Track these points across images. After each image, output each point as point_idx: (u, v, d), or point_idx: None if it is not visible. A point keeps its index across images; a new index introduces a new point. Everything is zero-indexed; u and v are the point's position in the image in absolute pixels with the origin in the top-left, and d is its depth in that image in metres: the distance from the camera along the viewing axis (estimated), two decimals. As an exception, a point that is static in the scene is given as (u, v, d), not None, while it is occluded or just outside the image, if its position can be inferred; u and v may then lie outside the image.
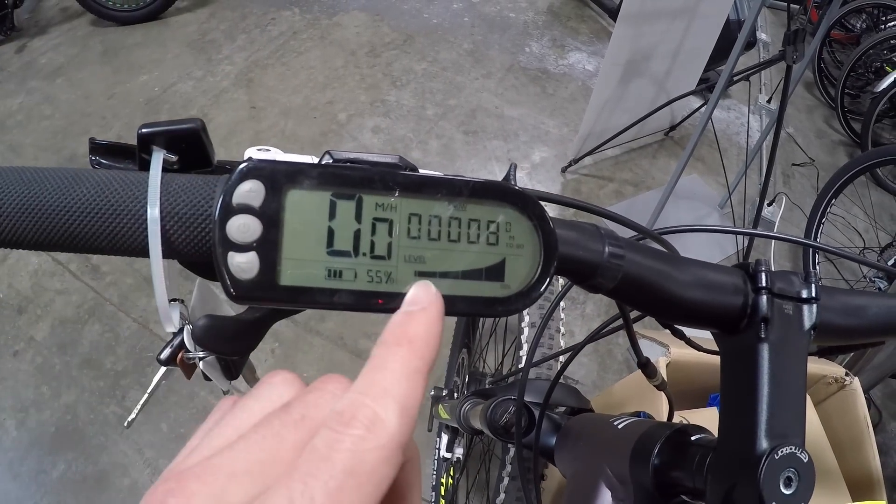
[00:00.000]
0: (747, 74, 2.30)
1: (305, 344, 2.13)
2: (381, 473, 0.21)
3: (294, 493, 0.19)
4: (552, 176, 2.88)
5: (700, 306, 0.38)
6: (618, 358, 2.23)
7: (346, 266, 0.28)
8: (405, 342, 0.25)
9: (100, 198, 0.31)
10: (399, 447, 0.22)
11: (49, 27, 3.41)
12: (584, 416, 0.71)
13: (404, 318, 0.26)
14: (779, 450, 0.35)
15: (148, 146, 0.33)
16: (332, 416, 0.22)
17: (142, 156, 0.34)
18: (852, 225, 2.74)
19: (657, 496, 0.45)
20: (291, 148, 2.79)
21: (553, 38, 3.71)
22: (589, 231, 0.36)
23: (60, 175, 0.31)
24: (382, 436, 0.21)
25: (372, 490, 0.21)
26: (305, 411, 0.23)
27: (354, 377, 0.24)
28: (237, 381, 0.56)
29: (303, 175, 0.27)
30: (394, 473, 0.22)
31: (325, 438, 0.21)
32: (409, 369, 0.24)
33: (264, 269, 0.27)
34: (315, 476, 0.20)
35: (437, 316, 0.26)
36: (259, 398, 0.25)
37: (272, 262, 0.27)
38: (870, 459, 1.14)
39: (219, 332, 0.44)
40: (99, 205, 0.31)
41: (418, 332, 0.25)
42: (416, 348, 0.25)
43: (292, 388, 0.26)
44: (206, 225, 0.31)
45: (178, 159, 0.34)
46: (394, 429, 0.22)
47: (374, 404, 0.22)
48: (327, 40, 3.47)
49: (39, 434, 1.87)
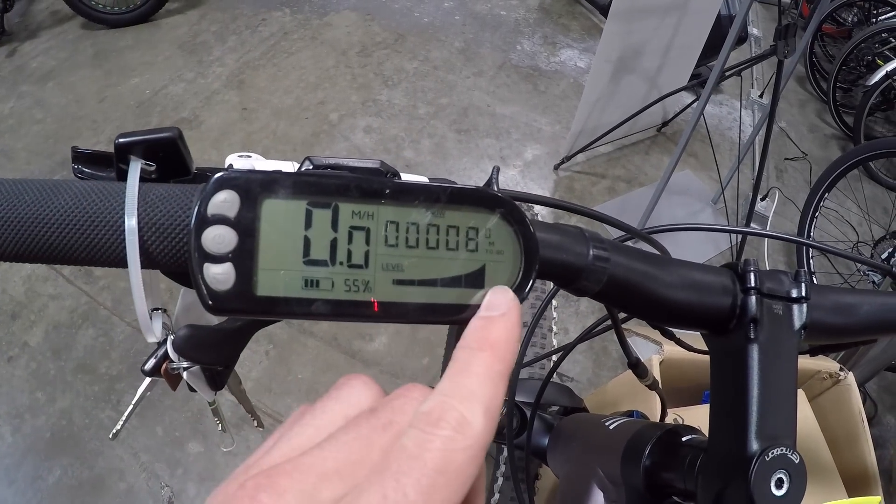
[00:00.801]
0: (739, 69, 2.30)
1: (299, 345, 2.12)
2: (467, 473, 0.22)
3: (387, 490, 0.20)
4: (545, 173, 2.87)
5: (688, 307, 0.38)
6: (613, 355, 2.23)
7: (323, 275, 0.28)
8: (487, 346, 0.26)
9: (77, 209, 0.30)
10: (484, 447, 0.22)
11: (40, 31, 3.39)
12: (576, 417, 0.71)
13: (485, 322, 0.27)
14: (770, 451, 0.35)
15: (125, 156, 0.33)
16: (419, 417, 0.22)
17: (119, 166, 0.33)
18: (846, 218, 2.74)
19: (648, 497, 0.44)
20: (283, 149, 2.79)
21: (544, 36, 3.71)
22: (572, 234, 0.35)
23: (38, 186, 0.30)
24: (470, 436, 0.22)
25: (459, 488, 0.21)
26: (392, 416, 0.24)
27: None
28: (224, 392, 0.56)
29: (277, 184, 0.27)
30: (477, 473, 0.22)
31: (414, 438, 0.22)
32: (492, 372, 0.25)
33: (240, 279, 0.26)
34: (407, 474, 0.20)
35: (516, 320, 0.27)
36: (339, 400, 0.26)
37: (248, 273, 0.26)
38: (865, 454, 1.14)
39: (200, 341, 0.44)
40: (76, 216, 0.30)
41: (500, 337, 0.26)
42: (498, 352, 0.26)
43: (371, 391, 0.26)
44: (183, 235, 0.30)
45: (157, 168, 0.34)
46: (480, 429, 0.22)
47: (460, 406, 0.23)
48: (318, 40, 3.45)
49: (35, 440, 1.86)
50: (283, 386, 2.02)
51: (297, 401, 1.99)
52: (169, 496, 1.78)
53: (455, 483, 0.21)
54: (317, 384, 2.03)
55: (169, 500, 1.77)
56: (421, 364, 2.11)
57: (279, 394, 2.00)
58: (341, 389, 0.26)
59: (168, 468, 1.83)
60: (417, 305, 0.29)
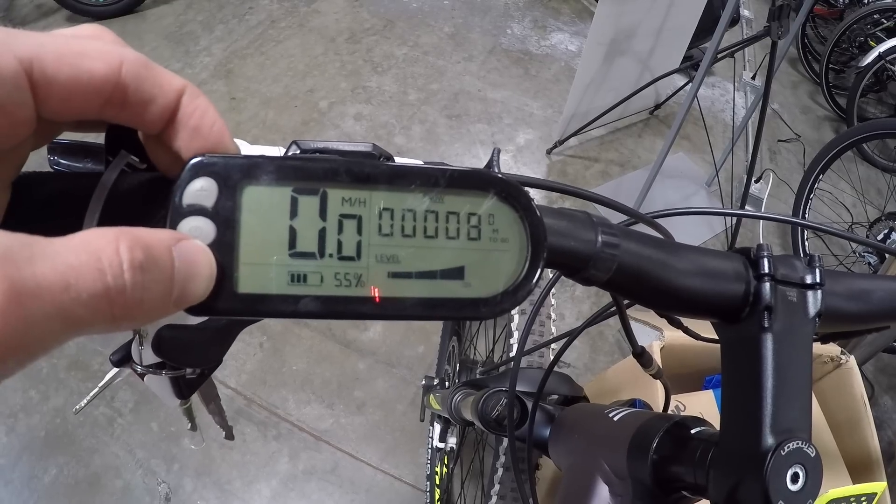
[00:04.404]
0: (732, 51, 2.28)
1: (294, 336, 2.11)
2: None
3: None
4: (537, 158, 2.86)
5: (699, 295, 0.36)
6: (609, 340, 2.22)
7: (311, 269, 0.25)
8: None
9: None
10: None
11: (24, 24, 3.33)
12: (577, 407, 0.69)
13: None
14: (785, 445, 0.33)
15: (115, 148, 0.31)
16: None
17: (108, 158, 0.31)
18: (840, 200, 2.74)
19: (656, 491, 0.43)
20: (272, 137, 2.77)
21: (534, 20, 3.68)
22: (580, 219, 0.33)
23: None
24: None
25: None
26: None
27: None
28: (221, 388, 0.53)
29: (259, 169, 0.25)
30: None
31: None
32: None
33: (220, 276, 0.24)
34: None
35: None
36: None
37: (229, 268, 0.24)
38: (868, 439, 1.13)
39: (181, 342, 0.41)
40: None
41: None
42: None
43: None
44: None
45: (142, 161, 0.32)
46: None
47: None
48: (306, 28, 3.41)
49: (29, 439, 1.84)
50: (278, 378, 2.01)
51: (293, 393, 1.98)
52: (166, 492, 1.76)
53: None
54: (312, 375, 2.01)
55: (166, 496, 1.76)
56: (416, 352, 2.10)
57: (274, 386, 1.99)
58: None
59: (164, 464, 1.81)
60: (416, 300, 0.26)
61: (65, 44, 0.22)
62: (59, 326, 0.18)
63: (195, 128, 0.25)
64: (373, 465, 1.86)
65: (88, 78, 0.22)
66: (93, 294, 0.19)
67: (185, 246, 0.22)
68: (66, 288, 0.18)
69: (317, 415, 1.94)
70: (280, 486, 1.80)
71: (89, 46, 0.23)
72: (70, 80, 0.22)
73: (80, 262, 0.19)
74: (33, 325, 0.17)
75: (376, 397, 1.99)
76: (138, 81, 0.24)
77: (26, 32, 0.22)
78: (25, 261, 0.17)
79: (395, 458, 1.88)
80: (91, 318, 0.19)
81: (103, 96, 0.23)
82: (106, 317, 0.19)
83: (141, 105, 0.24)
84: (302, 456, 1.86)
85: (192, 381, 0.49)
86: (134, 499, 1.76)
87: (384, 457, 1.88)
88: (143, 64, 0.24)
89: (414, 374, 2.05)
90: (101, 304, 0.19)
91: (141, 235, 0.21)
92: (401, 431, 1.93)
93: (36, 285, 0.17)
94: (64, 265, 0.18)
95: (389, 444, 1.91)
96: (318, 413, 1.95)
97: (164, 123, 0.25)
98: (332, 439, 1.90)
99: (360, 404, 1.97)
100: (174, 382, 0.49)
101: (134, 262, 0.20)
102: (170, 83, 0.25)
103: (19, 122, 0.22)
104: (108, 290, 0.19)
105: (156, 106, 0.25)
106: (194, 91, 0.26)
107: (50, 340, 0.18)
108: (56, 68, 0.22)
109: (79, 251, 0.19)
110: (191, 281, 0.22)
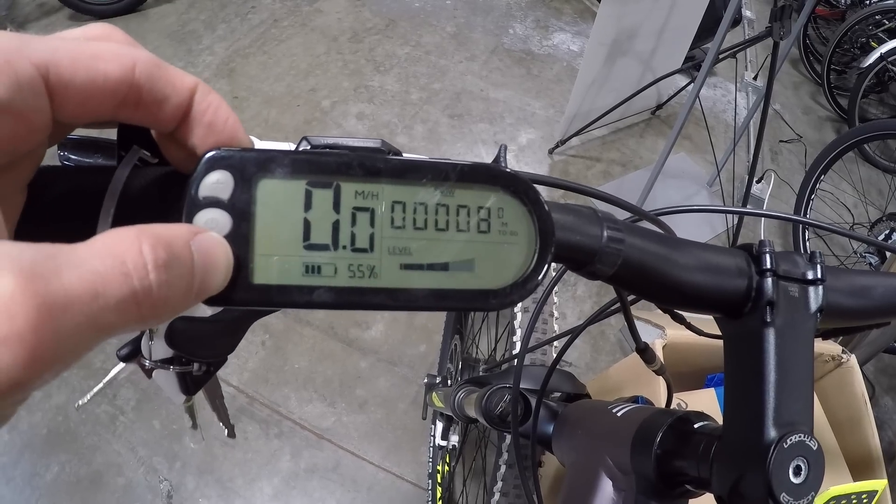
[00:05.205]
0: (734, 51, 2.28)
1: (296, 335, 2.11)
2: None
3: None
4: (539, 158, 2.86)
5: (703, 290, 0.37)
6: (610, 339, 2.23)
7: (325, 261, 0.26)
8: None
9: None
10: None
11: (26, 23, 3.33)
12: (581, 403, 0.70)
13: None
14: (787, 438, 0.34)
15: (127, 143, 0.31)
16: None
17: (120, 153, 0.31)
18: (841, 201, 2.74)
19: (660, 485, 0.43)
20: (275, 136, 2.76)
21: (537, 19, 3.68)
22: (586, 215, 0.34)
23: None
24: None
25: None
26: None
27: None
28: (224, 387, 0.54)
29: (274, 163, 0.25)
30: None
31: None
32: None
33: (236, 267, 0.24)
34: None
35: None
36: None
37: (244, 260, 0.25)
38: (869, 437, 1.13)
39: (194, 334, 0.41)
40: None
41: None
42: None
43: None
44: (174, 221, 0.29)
45: (153, 155, 0.32)
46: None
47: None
48: (308, 27, 3.42)
49: (31, 437, 1.85)
50: (280, 376, 2.01)
51: (294, 391, 1.98)
52: (168, 490, 1.77)
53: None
54: (314, 374, 2.02)
55: (168, 494, 1.76)
56: (418, 351, 2.11)
57: (276, 384, 1.99)
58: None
59: (166, 462, 1.82)
60: (427, 291, 0.27)
61: (78, 47, 0.22)
62: (91, 334, 0.19)
63: (209, 123, 0.26)
64: (374, 464, 1.87)
65: (103, 81, 0.23)
66: (121, 299, 0.19)
67: (202, 238, 0.23)
68: (94, 297, 0.18)
69: (319, 413, 1.95)
70: (282, 484, 1.81)
71: (103, 49, 0.23)
72: (85, 83, 0.22)
73: (105, 268, 0.19)
74: (66, 338, 0.18)
75: (378, 396, 2.00)
76: (152, 82, 0.24)
77: (40, 38, 0.22)
78: (53, 274, 0.18)
79: (396, 457, 1.89)
80: (121, 321, 0.19)
81: (118, 98, 0.23)
82: (135, 318, 0.20)
83: (155, 105, 0.25)
84: (304, 454, 1.87)
85: (199, 377, 0.50)
86: (136, 496, 1.76)
87: (386, 455, 1.89)
88: (156, 64, 0.24)
89: (415, 373, 2.06)
90: (129, 308, 0.19)
91: (161, 233, 0.21)
92: (402, 430, 1.94)
93: (65, 298, 0.18)
94: (90, 273, 0.18)
95: (391, 442, 1.91)
96: (319, 411, 1.95)
97: (177, 121, 0.26)
98: (334, 437, 1.90)
99: (361, 403, 1.98)
100: (181, 378, 0.49)
101: (158, 262, 0.20)
102: (182, 81, 0.25)
103: (37, 128, 0.22)
104: (135, 293, 0.19)
105: (169, 105, 0.25)
106: (205, 88, 0.26)
107: (82, 349, 0.19)
108: (71, 72, 0.22)
109: (103, 257, 0.19)
110: (210, 272, 0.23)
